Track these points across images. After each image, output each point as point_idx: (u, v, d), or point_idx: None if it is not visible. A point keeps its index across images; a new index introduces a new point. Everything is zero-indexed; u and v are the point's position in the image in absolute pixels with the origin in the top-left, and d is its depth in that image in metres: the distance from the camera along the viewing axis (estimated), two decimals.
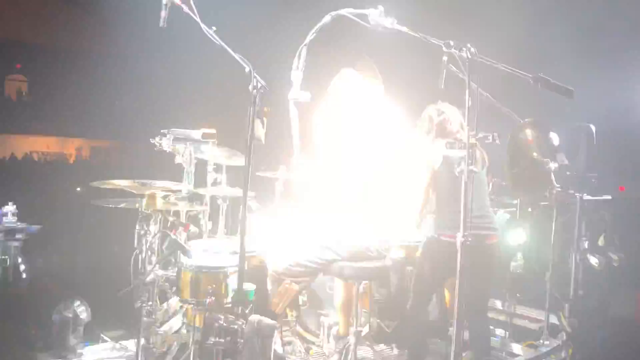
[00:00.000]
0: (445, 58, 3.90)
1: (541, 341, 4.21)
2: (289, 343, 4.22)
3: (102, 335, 4.50)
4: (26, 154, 20.00)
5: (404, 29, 3.39)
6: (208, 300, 3.35)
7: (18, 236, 2.72)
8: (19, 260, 2.69)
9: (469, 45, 2.79)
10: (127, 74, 17.72)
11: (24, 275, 2.70)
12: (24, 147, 20.36)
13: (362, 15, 2.98)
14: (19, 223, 2.73)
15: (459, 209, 2.64)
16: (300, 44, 3.12)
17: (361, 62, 3.87)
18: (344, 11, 3.02)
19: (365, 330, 4.26)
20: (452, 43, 2.85)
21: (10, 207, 2.68)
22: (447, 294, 4.16)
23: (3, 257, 2.64)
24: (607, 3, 6.00)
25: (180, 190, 4.21)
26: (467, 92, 2.77)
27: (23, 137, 20.44)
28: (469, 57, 2.79)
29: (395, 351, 4.34)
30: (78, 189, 12.63)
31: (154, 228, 3.56)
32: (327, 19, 3.03)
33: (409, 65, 3.72)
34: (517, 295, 4.52)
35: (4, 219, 2.70)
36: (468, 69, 2.78)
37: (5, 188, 11.66)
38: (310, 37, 3.09)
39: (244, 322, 3.00)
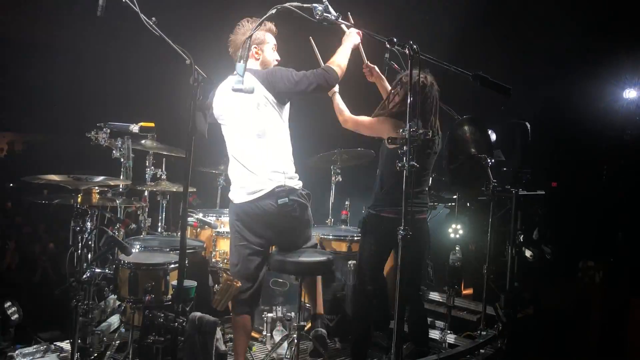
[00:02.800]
0: (387, 55, 3.96)
1: (478, 332, 4.34)
2: (232, 340, 4.18)
3: (35, 336, 4.32)
4: None
5: (349, 24, 3.43)
6: (147, 298, 3.27)
7: None
8: None
9: (411, 42, 2.82)
10: (61, 65, 16.97)
11: None
12: None
13: (307, 9, 2.97)
14: None
15: (401, 189, 2.66)
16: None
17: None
18: (289, 5, 3.00)
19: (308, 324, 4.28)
20: (395, 40, 2.88)
21: None
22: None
23: None
24: (543, 2, 6.21)
25: (117, 186, 4.10)
26: (408, 88, 2.80)
27: None
28: (412, 54, 2.82)
29: (338, 345, 4.37)
30: (11, 184, 12.03)
31: (90, 225, 3.43)
32: (272, 11, 2.99)
33: (353, 61, 3.72)
34: (456, 287, 4.63)
35: None
36: (410, 66, 2.82)
37: None
38: (254, 29, 3.05)
39: (185, 319, 2.94)
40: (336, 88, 3.72)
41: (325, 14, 2.94)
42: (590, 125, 6.65)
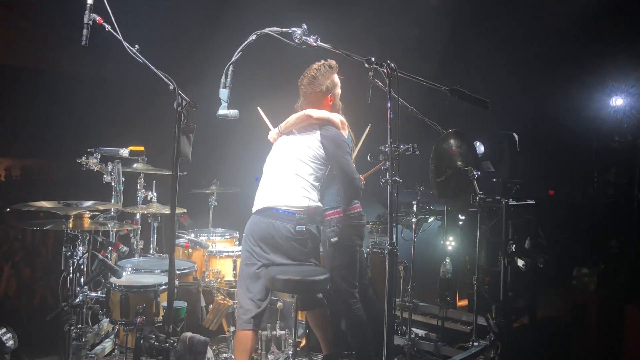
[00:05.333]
0: (371, 73, 4.04)
1: (470, 343, 4.36)
2: (227, 359, 4.20)
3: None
4: None
5: (327, 46, 3.50)
6: (138, 320, 3.30)
7: None
8: None
9: (388, 61, 2.89)
10: (53, 91, 17.14)
11: None
12: None
13: (286, 33, 3.04)
14: None
15: None
16: (227, 62, 3.16)
17: None
18: (268, 30, 3.08)
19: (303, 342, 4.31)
20: (373, 59, 2.95)
21: None
22: None
23: None
24: (529, 13, 6.30)
25: (109, 210, 4.15)
26: (388, 105, 2.87)
27: None
28: (390, 72, 2.89)
29: None
30: (7, 209, 12.07)
31: (81, 249, 3.48)
32: (252, 37, 3.07)
33: (343, 82, 3.81)
34: (448, 299, 4.66)
35: None
36: (389, 84, 2.89)
37: None
38: (236, 55, 3.12)
39: (176, 339, 2.98)
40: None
41: (304, 38, 3.01)
42: (580, 132, 6.72)
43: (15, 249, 9.05)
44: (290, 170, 3.56)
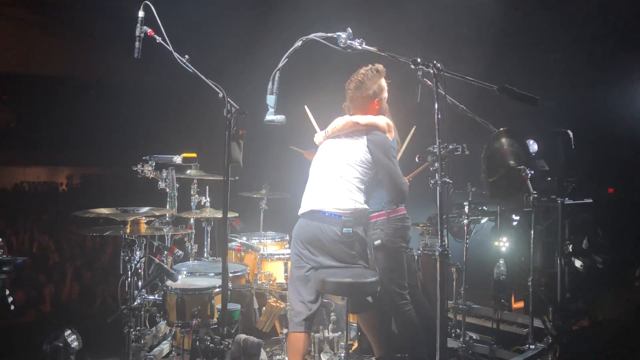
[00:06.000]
0: (419, 73, 4.01)
1: (527, 346, 4.26)
2: None
3: None
4: (16, 184, 19.95)
5: (373, 49, 3.50)
6: (194, 322, 3.39)
7: (5, 269, 2.75)
8: (7, 292, 2.72)
9: (434, 61, 2.88)
10: (110, 102, 17.89)
11: (12, 307, 2.73)
12: (14, 178, 20.32)
13: (331, 38, 3.07)
14: (4, 256, 2.77)
15: None
16: (273, 68, 3.21)
17: None
18: (314, 35, 3.11)
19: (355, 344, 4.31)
20: (419, 60, 2.94)
21: None
22: None
23: None
24: (583, 10, 6.12)
25: (164, 215, 4.27)
26: (435, 105, 2.85)
27: (12, 168, 20.41)
28: (436, 72, 2.88)
29: None
30: (69, 216, 12.62)
31: (138, 253, 3.60)
32: (298, 44, 3.11)
33: (389, 85, 3.81)
34: (503, 301, 4.57)
35: None
36: (436, 84, 2.87)
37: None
38: (282, 62, 3.16)
39: (230, 341, 3.04)
40: None
41: (349, 42, 3.02)
42: (634, 127, 6.45)
43: (76, 254, 9.46)
44: (337, 173, 3.58)
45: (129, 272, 3.51)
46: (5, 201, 15.90)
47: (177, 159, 4.23)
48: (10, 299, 3.00)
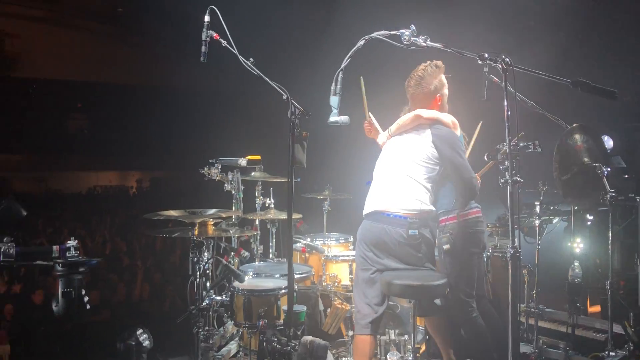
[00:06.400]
0: (485, 69, 3.89)
1: (606, 352, 4.04)
2: None
3: None
4: (90, 188, 20.93)
5: (438, 45, 3.41)
6: (260, 323, 3.42)
7: (80, 269, 2.86)
8: (82, 292, 2.83)
9: (503, 56, 2.78)
10: (176, 107, 18.53)
11: (87, 307, 2.83)
12: (88, 183, 21.33)
13: (394, 36, 3.01)
14: (80, 257, 2.88)
15: None
16: (336, 68, 3.18)
17: None
18: (377, 34, 3.06)
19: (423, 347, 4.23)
20: (486, 55, 2.84)
21: (72, 242, 2.84)
22: None
23: (67, 289, 2.77)
24: None
25: (230, 217, 4.34)
26: (505, 102, 2.76)
27: (86, 173, 21.43)
28: (505, 67, 2.77)
29: None
30: (139, 218, 13.11)
31: (206, 255, 3.67)
32: (360, 43, 3.07)
33: (449, 81, 3.71)
34: (578, 305, 4.36)
35: (67, 254, 2.85)
36: (504, 79, 2.77)
37: (71, 222, 12.26)
38: (345, 62, 3.13)
39: (297, 343, 3.04)
40: None
41: (413, 39, 2.96)
42: None
43: (147, 256, 9.79)
44: (402, 173, 3.50)
45: (198, 273, 3.58)
46: (80, 204, 16.71)
47: (242, 162, 4.29)
48: (86, 299, 3.11)
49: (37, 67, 21.05)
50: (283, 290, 3.64)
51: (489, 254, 4.63)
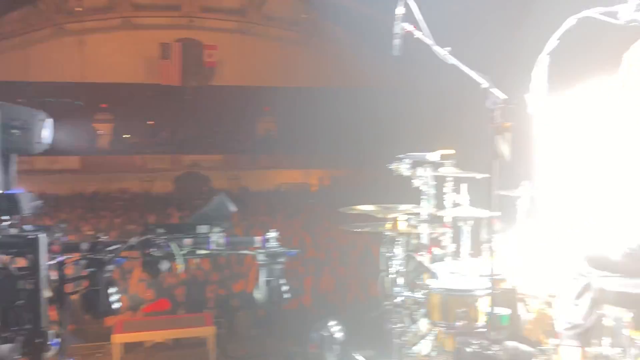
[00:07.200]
0: None
1: None
2: None
3: (354, 355, 4.71)
4: (277, 186, 22.40)
5: None
6: (459, 324, 3.28)
7: (280, 260, 2.99)
8: (281, 282, 2.95)
9: None
10: (359, 107, 19.00)
11: (286, 295, 2.95)
12: (275, 180, 22.85)
13: (611, 13, 2.67)
14: (280, 247, 3.01)
15: None
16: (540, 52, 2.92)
17: None
18: (589, 12, 2.74)
19: None
20: None
21: (272, 234, 2.99)
22: None
23: (268, 278, 2.92)
24: None
25: (421, 213, 4.24)
26: None
27: (274, 171, 22.96)
28: None
29: None
30: (326, 213, 13.66)
31: (398, 251, 3.63)
32: (571, 22, 2.77)
33: None
34: None
35: (267, 244, 3.00)
36: None
37: (261, 217, 13.18)
38: (552, 44, 2.85)
39: (500, 347, 2.86)
40: None
41: (636, 13, 2.58)
42: None
43: (331, 249, 10.15)
44: None
45: (390, 269, 3.55)
46: (269, 200, 17.94)
47: (434, 157, 4.16)
48: (284, 288, 3.24)
49: (230, 75, 23.13)
50: (482, 291, 3.46)
51: None
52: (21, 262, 2.38)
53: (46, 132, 2.58)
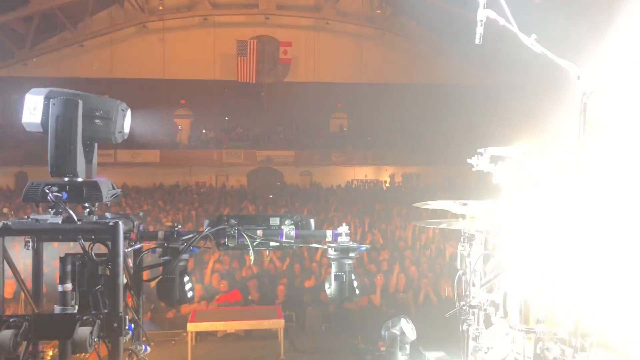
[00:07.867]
0: None
1: None
2: None
3: (424, 353, 4.59)
4: (348, 182, 22.35)
5: None
6: (539, 328, 3.09)
7: (351, 254, 2.94)
8: (353, 277, 2.90)
9: None
10: (432, 102, 18.62)
11: (357, 291, 2.90)
12: (347, 176, 22.81)
13: None
14: (351, 242, 2.96)
15: None
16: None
17: None
18: None
19: None
20: None
21: (343, 228, 2.94)
22: None
23: (339, 273, 2.87)
24: None
25: (497, 210, 4.05)
26: None
27: (346, 167, 22.93)
28: None
29: None
30: (394, 209, 13.47)
31: (476, 249, 3.47)
32: None
33: None
34: None
35: (339, 239, 2.96)
36: None
37: (332, 212, 13.16)
38: None
39: (584, 356, 2.67)
40: None
41: None
42: None
43: (402, 248, 9.97)
44: None
45: (467, 269, 3.41)
46: (340, 196, 17.90)
47: (515, 151, 3.95)
48: (355, 283, 3.18)
49: (304, 71, 23.32)
50: (565, 294, 3.24)
51: None
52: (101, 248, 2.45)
53: (127, 122, 2.64)
